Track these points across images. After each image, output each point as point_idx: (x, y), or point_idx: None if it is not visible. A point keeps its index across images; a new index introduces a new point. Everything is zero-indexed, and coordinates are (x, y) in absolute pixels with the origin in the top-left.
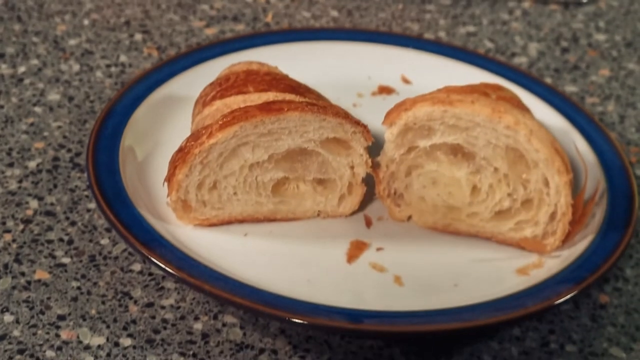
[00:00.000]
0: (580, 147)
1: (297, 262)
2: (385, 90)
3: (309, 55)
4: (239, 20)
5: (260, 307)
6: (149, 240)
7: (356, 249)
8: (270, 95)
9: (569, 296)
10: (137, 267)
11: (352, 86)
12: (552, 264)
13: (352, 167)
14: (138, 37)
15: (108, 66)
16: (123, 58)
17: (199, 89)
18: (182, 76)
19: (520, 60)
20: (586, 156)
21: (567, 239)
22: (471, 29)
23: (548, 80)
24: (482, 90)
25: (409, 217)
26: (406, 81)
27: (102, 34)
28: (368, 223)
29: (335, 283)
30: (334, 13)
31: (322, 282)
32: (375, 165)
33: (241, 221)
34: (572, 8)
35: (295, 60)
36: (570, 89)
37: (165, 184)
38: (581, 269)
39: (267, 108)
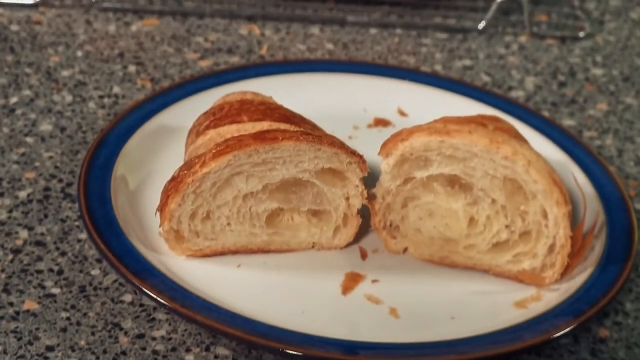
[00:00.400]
0: (579, 180)
1: (291, 293)
2: (381, 122)
3: (304, 87)
4: (234, 53)
5: (253, 338)
6: (140, 270)
7: (351, 281)
8: (264, 125)
9: (567, 330)
10: (128, 297)
11: (348, 118)
12: (551, 297)
13: (347, 199)
14: (132, 68)
15: (101, 97)
16: (116, 89)
17: (192, 119)
18: (176, 107)
19: (517, 94)
20: (585, 189)
21: (565, 272)
22: (467, 62)
23: (545, 113)
24: (479, 121)
25: (405, 250)
26: (402, 113)
27: (96, 66)
28: (363, 255)
29: (330, 314)
30: (329, 46)
31: (316, 313)
32: (371, 197)
33: (234, 252)
34: (569, 43)
35: (290, 92)
36: (567, 122)
37: (158, 213)
38: (580, 302)
39: (261, 137)
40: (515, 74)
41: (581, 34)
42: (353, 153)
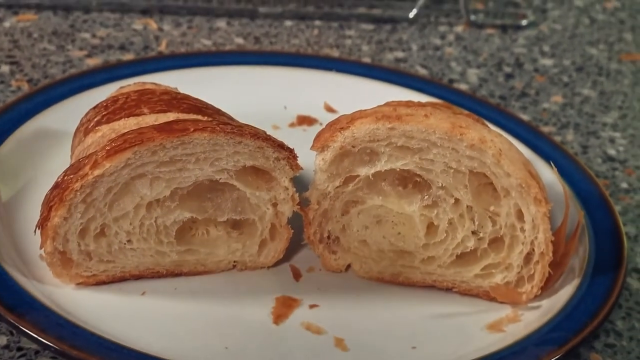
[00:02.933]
0: (548, 177)
1: (211, 326)
2: (305, 120)
3: (213, 81)
4: (127, 50)
5: None
6: (17, 304)
7: (284, 307)
8: (170, 117)
9: (553, 359)
10: (2, 340)
11: (266, 117)
12: (531, 318)
13: (274, 205)
14: (4, 68)
15: None
16: None
17: (78, 121)
18: (58, 107)
19: (461, 87)
20: (556, 188)
21: (546, 285)
22: (400, 54)
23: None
24: (433, 106)
25: (348, 267)
26: (330, 110)
27: None
28: (296, 275)
29: (260, 349)
30: (239, 40)
31: (243, 349)
32: (304, 203)
33: (138, 277)
34: (510, 32)
35: (197, 88)
36: (521, 117)
37: (38, 231)
38: (566, 323)
39: (167, 129)
40: (455, 66)
41: (524, 22)
42: (281, 146)
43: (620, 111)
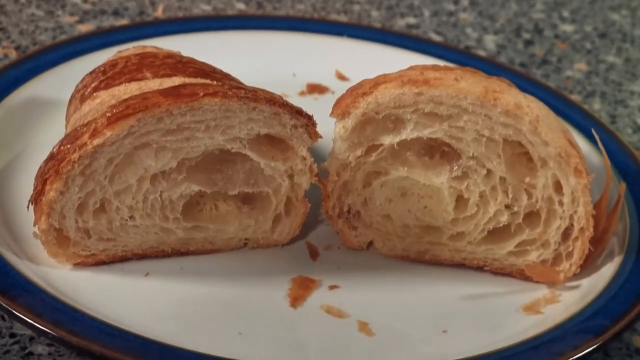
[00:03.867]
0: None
1: (221, 309)
2: (316, 89)
3: (216, 48)
4: (121, 15)
5: None
6: (9, 286)
7: (301, 289)
8: (176, 81)
9: (599, 344)
10: None
11: (273, 85)
12: (570, 299)
13: (290, 176)
14: None
15: None
16: None
17: (72, 89)
18: (49, 75)
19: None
20: (592, 160)
21: (585, 263)
22: (412, 20)
23: None
24: (461, 71)
25: (369, 244)
26: (342, 77)
27: None
28: (313, 254)
29: (277, 335)
30: (240, 5)
31: (259, 334)
32: (322, 174)
33: (141, 257)
34: None
35: (198, 54)
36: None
37: (32, 206)
38: (611, 306)
39: (175, 93)
40: (471, 33)
41: None
42: (299, 113)
43: None
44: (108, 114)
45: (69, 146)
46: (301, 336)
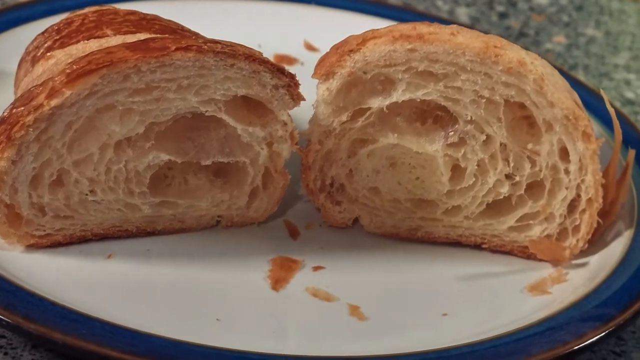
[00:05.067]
0: None
1: (195, 294)
2: (284, 60)
3: (178, 17)
4: None
5: None
6: None
7: (282, 270)
8: (141, 38)
9: (614, 328)
10: None
11: None
12: (578, 278)
13: (270, 144)
14: None
15: None
16: None
17: (16, 60)
18: None
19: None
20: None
21: (593, 238)
22: None
23: None
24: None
25: (355, 221)
26: (311, 48)
27: None
28: (293, 233)
29: (261, 320)
30: None
31: (239, 320)
32: (302, 143)
33: (102, 237)
34: None
35: None
36: None
37: None
38: (628, 283)
39: (143, 47)
40: (442, 5)
41: None
42: (281, 71)
43: (631, 52)
44: (67, 71)
45: (22, 108)
46: (286, 321)
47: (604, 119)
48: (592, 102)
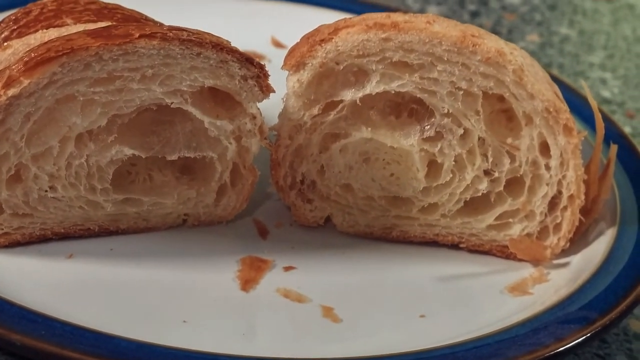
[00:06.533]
0: None
1: (161, 295)
2: None
3: (139, 8)
4: None
5: None
6: None
7: (252, 270)
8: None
9: (594, 331)
10: None
11: None
12: (560, 279)
13: (238, 139)
14: None
15: None
16: None
17: None
18: None
19: None
20: None
21: (575, 237)
22: None
23: None
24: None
25: (326, 220)
26: (279, 45)
27: None
28: (262, 232)
29: (230, 322)
30: None
31: (208, 322)
32: (271, 139)
33: (63, 236)
34: None
35: None
36: None
37: None
38: (611, 285)
39: (105, 34)
40: (412, 3)
41: None
42: (249, 61)
43: (606, 51)
44: (26, 59)
45: None
46: (257, 323)
47: (583, 115)
48: (570, 99)
